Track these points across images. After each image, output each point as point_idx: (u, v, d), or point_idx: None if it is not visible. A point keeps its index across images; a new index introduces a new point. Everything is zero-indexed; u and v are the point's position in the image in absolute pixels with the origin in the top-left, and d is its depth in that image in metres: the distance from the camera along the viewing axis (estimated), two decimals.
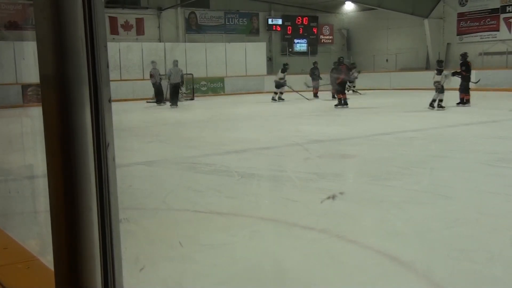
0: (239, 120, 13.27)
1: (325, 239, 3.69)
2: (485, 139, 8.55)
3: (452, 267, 3.11)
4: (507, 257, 3.27)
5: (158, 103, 18.39)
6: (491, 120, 11.53)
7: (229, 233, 3.86)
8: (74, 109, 0.79)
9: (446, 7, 26.75)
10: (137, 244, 3.58)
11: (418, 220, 4.13)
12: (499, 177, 5.63)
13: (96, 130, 0.81)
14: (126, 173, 6.08)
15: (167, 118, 14.52)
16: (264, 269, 3.18)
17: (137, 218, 4.31)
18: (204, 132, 10.48)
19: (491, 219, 4.09)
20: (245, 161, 6.98)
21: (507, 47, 23.96)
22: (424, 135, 9.11)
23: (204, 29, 26.76)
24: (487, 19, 25.21)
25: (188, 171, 6.47)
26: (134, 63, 22.84)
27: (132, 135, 10.14)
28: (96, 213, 0.80)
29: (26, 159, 6.99)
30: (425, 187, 5.28)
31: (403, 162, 6.63)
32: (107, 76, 0.86)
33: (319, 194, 4.86)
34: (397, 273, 3.06)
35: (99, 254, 0.79)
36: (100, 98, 0.82)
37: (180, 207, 4.73)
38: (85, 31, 0.80)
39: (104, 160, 0.82)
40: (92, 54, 0.81)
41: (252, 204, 4.81)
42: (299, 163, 6.82)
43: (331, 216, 4.28)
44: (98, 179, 0.81)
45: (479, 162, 6.42)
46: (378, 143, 8.38)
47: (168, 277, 3.07)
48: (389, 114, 13.83)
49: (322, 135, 9.42)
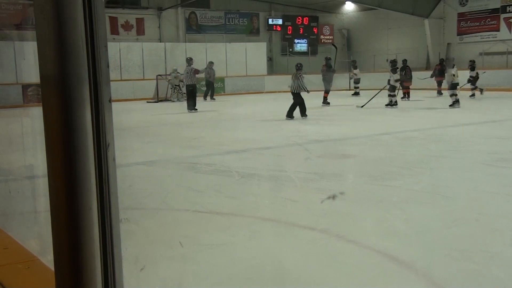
0: (239, 120, 13.27)
1: (325, 239, 3.69)
2: (485, 139, 8.55)
3: (452, 267, 3.11)
4: (507, 257, 3.27)
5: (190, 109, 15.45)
6: (490, 120, 11.53)
7: (229, 233, 3.87)
8: (74, 109, 0.79)
9: (446, 7, 26.75)
10: (137, 244, 3.58)
11: (417, 220, 4.13)
12: (499, 177, 5.63)
13: (97, 130, 0.81)
14: (126, 173, 6.09)
15: (168, 118, 14.52)
16: (264, 269, 3.18)
17: (138, 218, 4.31)
18: (204, 132, 10.49)
19: (491, 219, 4.09)
20: (245, 161, 6.99)
21: (507, 47, 23.95)
22: (424, 135, 9.11)
23: (205, 29, 26.77)
24: (487, 19, 25.21)
25: (188, 171, 6.47)
26: (134, 63, 22.85)
27: (132, 135, 10.14)
28: (96, 213, 0.80)
29: (26, 159, 6.99)
30: (425, 187, 5.28)
31: (402, 162, 6.63)
32: (107, 76, 0.86)
33: (319, 194, 4.87)
34: (397, 273, 3.06)
35: (99, 254, 0.79)
36: (101, 98, 0.82)
37: (180, 207, 4.73)
38: (85, 31, 0.80)
39: (104, 160, 0.82)
40: (93, 54, 0.81)
41: (252, 204, 4.81)
42: (299, 163, 6.82)
43: (331, 216, 4.28)
44: (98, 179, 0.81)
45: (479, 162, 6.42)
46: (378, 143, 8.38)
47: (168, 277, 3.08)
48: (388, 114, 13.83)
49: (322, 135, 9.43)
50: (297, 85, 12.22)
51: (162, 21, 25.73)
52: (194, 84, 15.57)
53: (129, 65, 22.66)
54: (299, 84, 12.25)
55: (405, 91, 18.29)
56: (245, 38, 27.38)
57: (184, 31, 26.23)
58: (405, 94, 18.30)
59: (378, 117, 12.93)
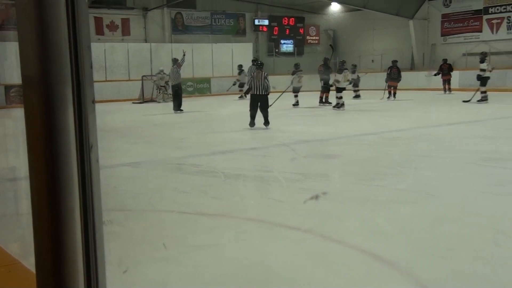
0: (226, 121, 13.26)
1: (310, 239, 3.70)
2: (469, 138, 8.65)
3: (436, 266, 3.13)
4: (491, 255, 3.31)
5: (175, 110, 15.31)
6: (474, 120, 11.66)
7: (215, 234, 3.86)
8: (57, 110, 0.79)
9: (431, 8, 27.01)
10: (121, 246, 3.56)
11: (403, 219, 4.16)
12: (483, 176, 5.69)
13: (79, 132, 0.81)
14: (111, 174, 6.05)
15: (153, 119, 14.46)
16: (251, 269, 3.18)
17: (122, 219, 4.28)
18: (190, 133, 10.46)
19: (475, 218, 4.13)
20: (232, 161, 6.98)
21: (490, 48, 24.23)
22: (409, 135, 9.19)
23: (191, 30, 26.71)
24: (470, 20, 25.50)
25: (174, 172, 6.45)
26: (120, 64, 22.73)
27: (117, 136, 10.08)
28: (79, 215, 0.79)
29: (9, 161, 6.92)
30: (410, 187, 5.32)
31: (388, 161, 6.68)
32: (91, 77, 0.85)
33: (305, 195, 4.88)
34: (382, 272, 3.08)
35: (82, 256, 0.79)
36: (84, 99, 0.82)
37: (165, 208, 4.71)
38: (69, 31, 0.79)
39: (87, 161, 0.82)
40: (76, 54, 0.81)
41: (238, 204, 4.81)
42: (286, 164, 6.84)
43: (317, 216, 4.30)
44: (81, 181, 0.80)
45: (463, 162, 6.49)
46: (364, 143, 8.43)
47: (152, 279, 3.06)
48: (374, 114, 13.92)
49: (308, 135, 9.45)
50: (266, 85, 10.37)
51: (148, 22, 25.62)
52: (180, 84, 15.54)
53: (114, 65, 22.54)
54: (268, 85, 10.45)
55: (389, 90, 18.94)
56: (231, 38, 27.37)
57: (170, 31, 26.15)
58: (390, 93, 18.88)
59: (364, 117, 13.02)
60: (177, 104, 15.26)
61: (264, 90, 10.28)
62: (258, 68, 10.73)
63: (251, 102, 10.37)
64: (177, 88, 15.40)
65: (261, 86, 10.27)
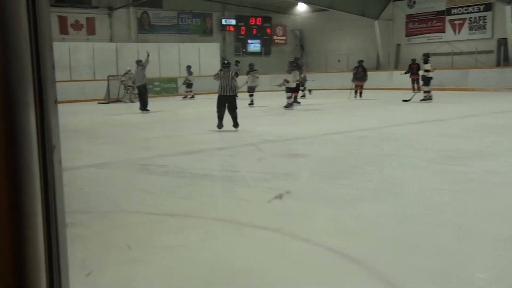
0: (192, 121, 13.21)
1: (278, 239, 3.72)
2: (432, 137, 8.83)
3: (401, 263, 3.20)
4: (453, 251, 3.39)
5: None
6: (437, 119, 11.92)
7: (183, 235, 3.84)
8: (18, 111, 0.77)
9: (395, 9, 27.50)
10: (85, 248, 3.51)
11: (369, 217, 4.22)
12: (446, 174, 5.82)
13: (41, 133, 0.79)
14: (77, 175, 5.95)
15: (119, 119, 14.28)
16: (218, 270, 3.18)
17: (88, 221, 4.22)
18: (157, 133, 10.37)
19: (438, 215, 4.23)
20: (199, 162, 6.96)
21: (453, 48, 24.83)
22: (374, 134, 9.33)
23: (157, 29, 26.50)
24: (433, 21, 26.07)
25: (140, 172, 6.38)
26: (85, 64, 22.37)
27: (82, 137, 9.92)
28: (41, 217, 0.78)
29: None
30: (375, 185, 5.41)
31: (354, 161, 6.77)
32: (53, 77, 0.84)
33: (272, 194, 4.90)
34: (349, 270, 3.12)
35: (44, 260, 0.77)
36: (46, 99, 0.80)
37: (132, 209, 4.66)
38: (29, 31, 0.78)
39: (49, 163, 0.80)
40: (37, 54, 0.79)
41: (205, 205, 4.80)
42: (253, 163, 6.85)
43: (284, 216, 4.32)
44: (43, 183, 0.79)
45: (427, 160, 6.63)
46: (330, 142, 8.52)
47: (117, 281, 3.02)
48: (340, 113, 14.08)
49: (275, 135, 9.49)
50: (234, 86, 10.17)
51: (114, 21, 25.30)
52: (145, 84, 15.46)
53: (79, 65, 22.17)
54: (236, 85, 10.31)
55: (356, 89, 19.37)
56: (198, 38, 27.28)
57: (136, 31, 25.89)
58: (356, 93, 19.27)
59: (331, 117, 13.15)
60: (143, 104, 15.19)
61: (232, 91, 10.07)
62: (225, 67, 10.43)
63: (218, 102, 10.26)
64: (143, 88, 15.36)
65: (228, 86, 10.03)
